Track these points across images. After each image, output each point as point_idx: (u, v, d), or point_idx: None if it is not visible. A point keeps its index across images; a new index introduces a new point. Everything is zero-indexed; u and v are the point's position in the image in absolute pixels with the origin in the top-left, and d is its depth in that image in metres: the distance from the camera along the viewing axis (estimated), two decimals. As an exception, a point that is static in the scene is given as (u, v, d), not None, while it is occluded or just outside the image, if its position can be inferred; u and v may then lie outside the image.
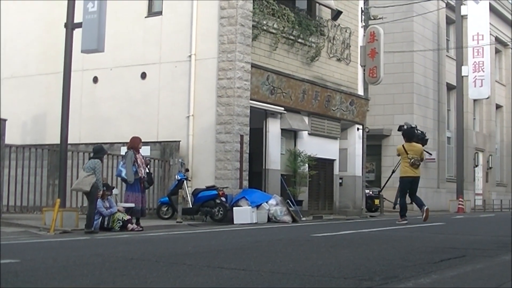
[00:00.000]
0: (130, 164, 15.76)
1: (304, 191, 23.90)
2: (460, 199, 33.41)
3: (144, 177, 15.93)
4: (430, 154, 18.72)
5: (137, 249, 10.27)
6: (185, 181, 19.48)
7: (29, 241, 12.41)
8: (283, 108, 22.86)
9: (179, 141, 21.13)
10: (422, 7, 35.06)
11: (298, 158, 23.73)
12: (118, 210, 15.37)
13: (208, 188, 19.47)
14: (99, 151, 15.27)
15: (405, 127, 18.99)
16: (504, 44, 46.90)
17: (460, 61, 34.78)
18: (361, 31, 28.08)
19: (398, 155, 18.36)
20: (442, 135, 37.79)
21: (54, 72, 21.27)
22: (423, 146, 18.59)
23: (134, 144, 16.14)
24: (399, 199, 18.45)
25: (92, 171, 14.70)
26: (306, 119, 24.61)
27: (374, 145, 33.09)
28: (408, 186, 18.07)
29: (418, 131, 19.81)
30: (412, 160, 17.72)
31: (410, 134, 18.42)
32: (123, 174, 15.85)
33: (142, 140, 16.76)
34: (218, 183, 20.04)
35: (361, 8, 28.40)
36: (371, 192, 29.68)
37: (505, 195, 45.66)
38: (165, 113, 21.51)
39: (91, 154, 15.46)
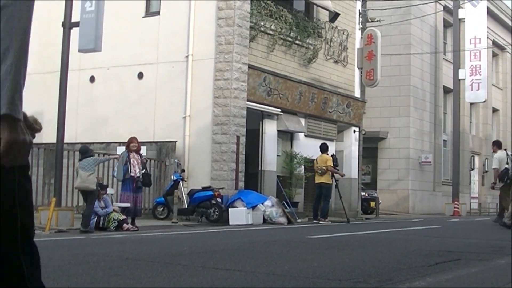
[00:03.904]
0: (120, 163, 15.82)
1: (299, 192, 23.90)
2: (456, 202, 33.42)
3: (137, 176, 15.85)
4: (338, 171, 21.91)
5: (132, 249, 10.27)
6: (181, 182, 19.47)
7: (24, 240, 12.39)
8: (279, 110, 22.85)
9: (175, 142, 21.12)
10: (420, 10, 35.09)
11: (294, 159, 23.74)
12: (114, 210, 15.38)
13: (204, 189, 19.46)
14: (86, 151, 15.34)
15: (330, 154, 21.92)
16: (501, 48, 46.97)
17: (457, 64, 34.80)
18: (358, 33, 28.10)
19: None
20: (438, 138, 37.83)
21: (51, 71, 21.29)
22: (333, 163, 21.16)
23: (128, 143, 16.13)
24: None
25: (93, 169, 14.82)
26: (302, 120, 24.62)
27: (370, 147, 33.09)
28: (317, 190, 21.03)
29: (330, 153, 22.29)
30: (316, 169, 21.05)
31: (323, 148, 21.38)
32: (115, 173, 15.93)
33: (139, 140, 16.65)
34: (214, 184, 20.03)
35: (359, 10, 28.42)
36: (366, 195, 29.69)
37: (501, 199, 45.66)
38: (161, 113, 21.50)
39: (79, 156, 15.47)
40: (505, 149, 20.13)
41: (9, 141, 2.10)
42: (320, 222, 20.31)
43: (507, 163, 18.73)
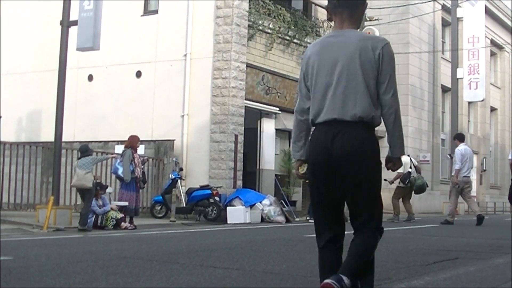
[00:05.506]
0: (127, 163, 15.74)
1: (298, 191, 23.90)
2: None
3: (140, 176, 15.93)
4: None
5: (130, 248, 10.27)
6: (179, 180, 19.46)
7: (22, 238, 12.40)
8: (277, 108, 22.86)
9: (174, 140, 21.12)
10: (418, 9, 35.06)
11: (292, 158, 23.68)
12: (112, 209, 15.37)
13: (202, 188, 19.45)
14: (86, 150, 15.35)
15: None
16: (500, 47, 46.95)
17: (455, 63, 34.76)
18: (356, 32, 28.05)
19: None
20: (436, 137, 37.82)
21: (50, 69, 21.25)
22: None
23: (133, 143, 16.14)
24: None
25: (91, 168, 14.81)
26: (301, 119, 24.58)
27: (368, 146, 33.04)
28: (309, 189, 20.39)
29: None
30: None
31: None
32: (120, 172, 15.85)
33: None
34: (212, 183, 20.03)
35: (357, 9, 28.38)
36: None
37: (499, 198, 45.71)
38: (160, 112, 21.49)
39: (79, 154, 15.49)
40: (408, 155, 21.85)
41: (400, 165, 4.60)
42: (310, 220, 20.29)
43: (410, 168, 20.71)
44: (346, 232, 4.74)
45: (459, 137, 19.75)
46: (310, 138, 4.62)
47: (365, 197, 4.43)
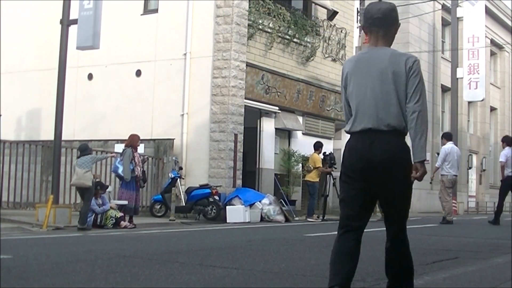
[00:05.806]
0: (128, 162, 15.74)
1: (297, 190, 23.90)
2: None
3: (140, 175, 15.94)
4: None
5: (130, 247, 10.27)
6: (178, 179, 19.45)
7: (22, 237, 12.40)
8: (277, 108, 22.85)
9: (173, 139, 21.11)
10: (418, 8, 35.07)
11: (292, 157, 23.73)
12: (111, 207, 15.37)
13: (202, 187, 19.44)
14: (85, 149, 15.34)
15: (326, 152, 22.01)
16: (500, 47, 46.95)
17: (455, 63, 34.74)
18: (356, 32, 28.08)
19: None
20: (436, 137, 37.79)
21: (49, 68, 21.24)
22: (330, 161, 21.43)
23: (133, 142, 16.15)
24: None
25: (90, 167, 14.81)
26: (300, 118, 24.61)
27: (368, 145, 33.01)
28: (306, 188, 21.56)
29: (328, 152, 22.37)
30: (305, 167, 21.83)
31: (315, 146, 21.45)
32: (120, 171, 15.86)
33: (136, 138, 16.77)
34: (211, 182, 20.02)
35: (357, 8, 28.41)
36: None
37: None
38: (159, 111, 21.49)
39: (78, 153, 15.49)
40: None
41: (424, 172, 4.81)
42: (308, 219, 20.32)
43: None
44: (367, 230, 4.97)
45: (446, 136, 19.97)
46: (345, 146, 4.99)
47: (401, 201, 4.87)
